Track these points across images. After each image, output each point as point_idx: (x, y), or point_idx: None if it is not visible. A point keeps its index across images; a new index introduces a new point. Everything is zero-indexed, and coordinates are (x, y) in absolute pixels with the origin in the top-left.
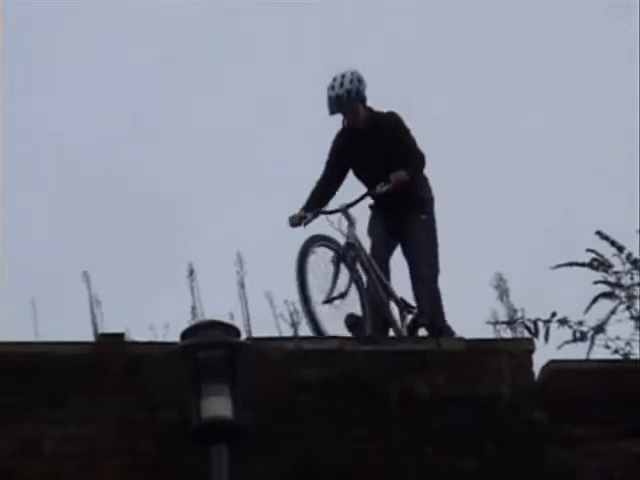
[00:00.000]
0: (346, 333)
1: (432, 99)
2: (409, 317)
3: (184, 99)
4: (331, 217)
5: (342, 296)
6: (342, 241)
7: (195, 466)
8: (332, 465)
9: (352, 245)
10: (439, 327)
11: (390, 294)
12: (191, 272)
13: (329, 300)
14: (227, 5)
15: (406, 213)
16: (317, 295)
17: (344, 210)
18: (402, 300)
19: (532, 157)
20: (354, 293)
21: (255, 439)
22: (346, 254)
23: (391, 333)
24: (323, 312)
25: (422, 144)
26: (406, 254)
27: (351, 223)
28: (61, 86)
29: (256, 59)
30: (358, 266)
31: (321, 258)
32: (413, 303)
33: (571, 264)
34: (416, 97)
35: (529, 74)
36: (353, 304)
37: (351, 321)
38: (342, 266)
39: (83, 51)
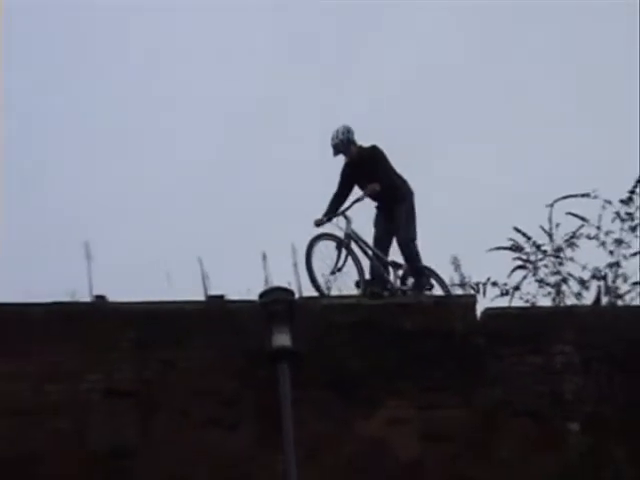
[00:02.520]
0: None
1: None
2: (400, 271)
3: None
4: (336, 218)
5: (339, 270)
6: (341, 234)
7: (268, 376)
8: (355, 373)
9: (349, 235)
10: (418, 274)
11: (384, 261)
12: (264, 257)
13: (332, 273)
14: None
15: (393, 205)
16: (321, 270)
17: (342, 213)
18: (393, 262)
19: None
20: (353, 266)
21: (305, 359)
22: (342, 242)
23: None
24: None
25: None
26: (397, 232)
27: (348, 221)
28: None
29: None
30: (356, 248)
31: (326, 247)
32: (401, 262)
33: (499, 248)
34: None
35: (510, 76)
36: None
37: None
38: (344, 251)
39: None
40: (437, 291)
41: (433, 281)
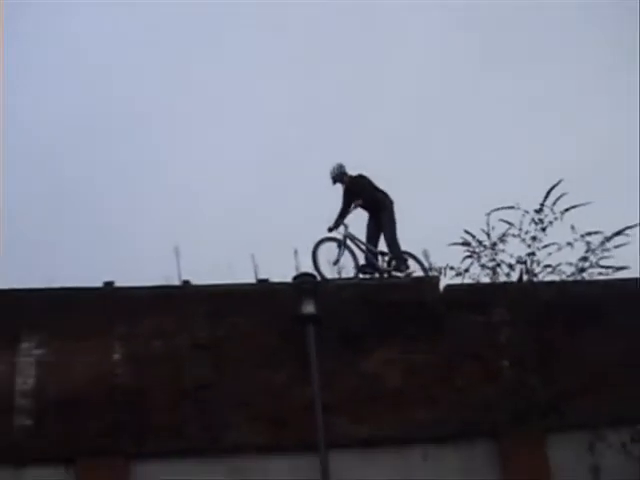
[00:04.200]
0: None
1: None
2: (386, 258)
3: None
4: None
5: (337, 262)
6: (340, 236)
7: (300, 334)
8: (358, 330)
9: (346, 236)
10: (398, 259)
11: (374, 252)
12: (295, 252)
13: (334, 263)
14: None
15: (379, 212)
16: (326, 262)
17: (342, 222)
18: (381, 252)
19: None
20: (350, 258)
21: (325, 322)
22: (341, 242)
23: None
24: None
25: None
26: (382, 231)
27: (346, 227)
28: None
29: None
30: (353, 246)
31: (329, 247)
32: (386, 251)
33: (454, 243)
34: None
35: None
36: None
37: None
38: (342, 247)
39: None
40: (416, 270)
41: (414, 262)
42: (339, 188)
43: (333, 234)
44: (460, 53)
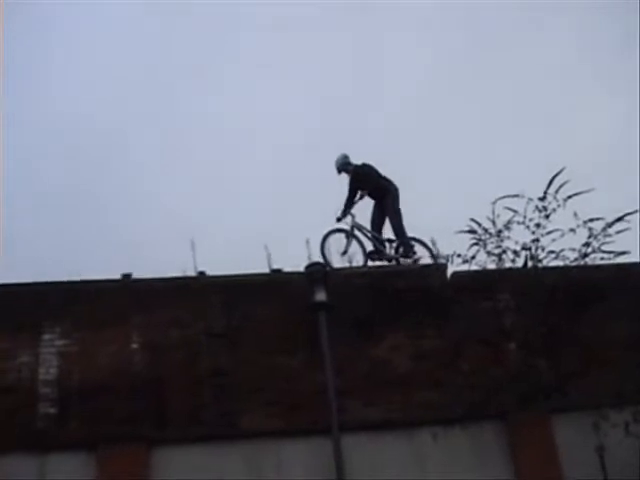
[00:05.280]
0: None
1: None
2: (394, 245)
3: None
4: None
5: (345, 252)
6: (348, 226)
7: (312, 321)
8: (368, 317)
9: (353, 227)
10: (405, 245)
11: (381, 239)
12: (307, 242)
13: (342, 254)
14: None
15: (384, 199)
16: (335, 252)
17: (349, 212)
18: (388, 238)
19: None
20: (358, 247)
21: (335, 309)
22: (349, 232)
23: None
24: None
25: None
26: (388, 217)
27: (353, 217)
28: None
29: None
30: (360, 235)
31: (336, 238)
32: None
33: (461, 231)
34: None
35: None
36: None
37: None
38: (350, 238)
39: None
40: (423, 256)
41: (422, 248)
42: (345, 178)
43: (341, 224)
44: (462, 51)
